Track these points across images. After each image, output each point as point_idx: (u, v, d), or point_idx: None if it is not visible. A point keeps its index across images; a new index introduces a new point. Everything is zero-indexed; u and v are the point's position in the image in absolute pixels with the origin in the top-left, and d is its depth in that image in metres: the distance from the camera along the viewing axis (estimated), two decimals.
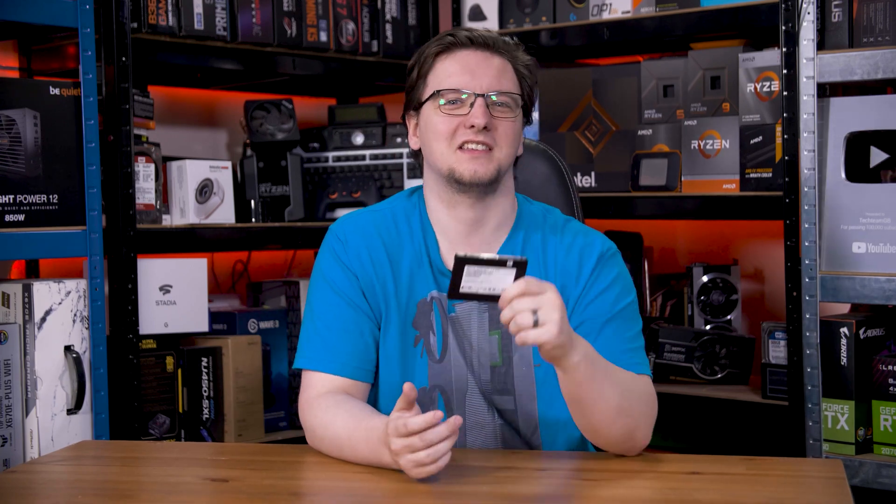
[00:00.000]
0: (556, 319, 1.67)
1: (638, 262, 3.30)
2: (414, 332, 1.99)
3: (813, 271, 2.69)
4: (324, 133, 3.33)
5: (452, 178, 1.94)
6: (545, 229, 2.02)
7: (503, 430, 1.99)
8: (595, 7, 3.22)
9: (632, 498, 1.72)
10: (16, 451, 2.48)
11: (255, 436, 3.01)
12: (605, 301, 1.95)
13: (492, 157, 1.93)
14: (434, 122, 1.95)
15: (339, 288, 1.98)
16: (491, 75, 1.94)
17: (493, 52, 1.96)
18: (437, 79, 1.96)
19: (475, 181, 1.93)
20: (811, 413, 2.70)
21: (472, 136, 1.92)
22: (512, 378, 1.97)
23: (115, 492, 1.79)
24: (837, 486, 1.71)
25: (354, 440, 1.84)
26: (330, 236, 2.03)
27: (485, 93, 1.92)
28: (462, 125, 1.92)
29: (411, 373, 1.98)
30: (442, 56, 1.96)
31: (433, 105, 1.95)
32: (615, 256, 2.01)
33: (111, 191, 2.71)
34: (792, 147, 2.76)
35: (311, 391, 1.95)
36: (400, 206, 2.05)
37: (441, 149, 1.94)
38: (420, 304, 1.99)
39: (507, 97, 1.94)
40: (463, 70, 1.94)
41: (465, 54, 1.95)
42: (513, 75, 1.98)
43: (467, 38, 1.95)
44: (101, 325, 2.60)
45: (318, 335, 1.98)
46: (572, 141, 3.28)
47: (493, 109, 1.93)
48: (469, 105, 1.92)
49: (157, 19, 2.84)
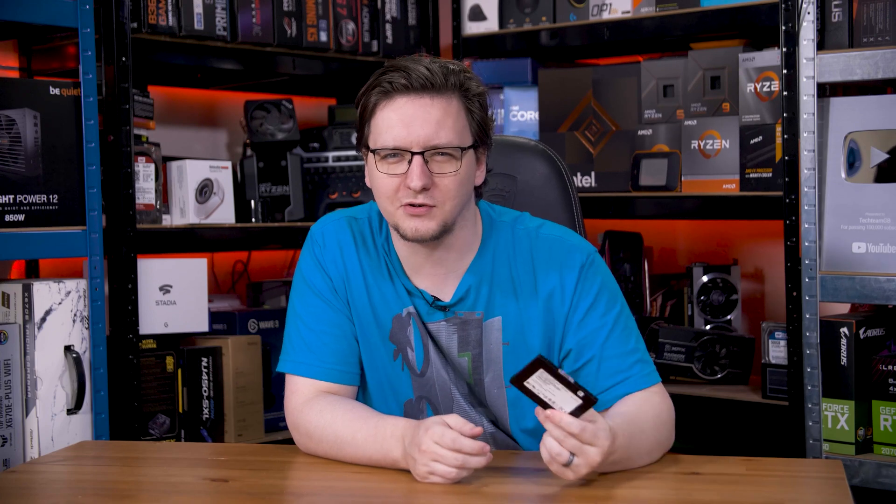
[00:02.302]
0: (581, 474, 1.68)
1: (638, 262, 3.30)
2: (391, 346, 1.98)
3: (813, 271, 2.69)
4: (324, 133, 3.33)
5: (398, 232, 1.91)
6: (516, 248, 1.97)
7: (494, 435, 2.00)
8: (595, 7, 3.22)
9: (632, 498, 1.72)
10: (16, 451, 2.48)
11: (255, 436, 3.01)
12: (596, 318, 1.92)
13: (434, 215, 1.87)
14: (377, 178, 1.90)
15: (320, 291, 1.98)
16: (429, 128, 1.84)
17: (434, 93, 1.86)
18: (377, 129, 1.89)
19: (417, 238, 1.88)
20: (811, 413, 2.70)
21: (411, 197, 1.86)
22: (485, 396, 1.98)
23: (115, 492, 1.79)
24: (837, 486, 1.71)
25: (359, 438, 1.84)
26: (309, 237, 2.03)
27: (422, 149, 1.85)
28: (403, 184, 1.86)
29: (396, 384, 1.98)
30: (381, 102, 1.88)
31: (375, 157, 1.90)
32: (594, 263, 1.95)
33: (111, 191, 2.71)
34: (792, 147, 2.76)
35: (299, 397, 1.95)
36: (376, 214, 2.02)
37: (385, 205, 1.90)
38: (395, 318, 1.97)
39: (447, 150, 1.87)
40: (400, 123, 1.85)
41: (403, 102, 1.86)
42: (456, 118, 1.87)
43: (404, 85, 1.85)
44: (101, 325, 2.60)
45: (301, 339, 1.97)
46: (572, 141, 3.28)
47: (433, 165, 1.86)
48: (407, 162, 1.86)
49: (157, 19, 2.84)
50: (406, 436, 1.78)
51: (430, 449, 1.71)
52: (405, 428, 1.79)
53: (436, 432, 1.71)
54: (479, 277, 1.95)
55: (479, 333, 1.95)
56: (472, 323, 1.95)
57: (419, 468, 1.73)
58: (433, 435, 1.71)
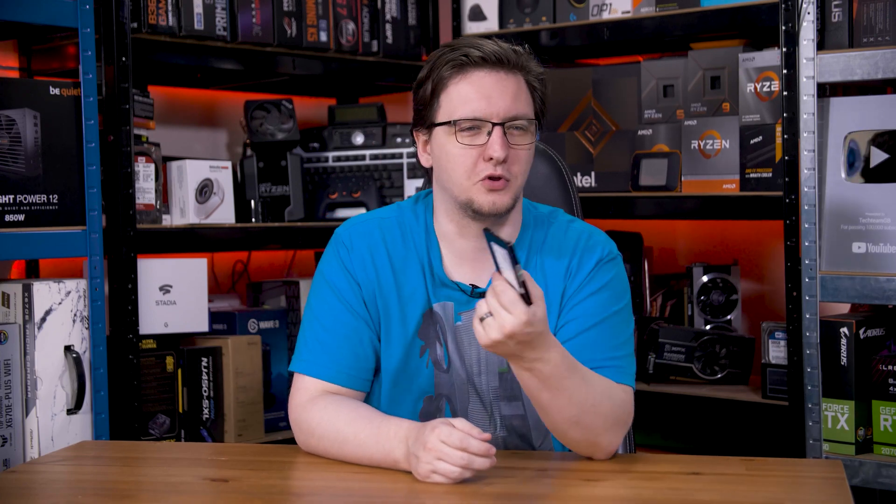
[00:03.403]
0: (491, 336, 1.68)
1: (638, 262, 3.30)
2: (420, 342, 1.98)
3: (813, 271, 2.69)
4: (324, 133, 3.33)
5: (469, 208, 1.91)
6: (549, 236, 2.00)
7: (507, 442, 1.99)
8: (595, 7, 3.22)
9: (632, 498, 1.72)
10: (16, 451, 2.48)
11: (255, 436, 3.01)
12: (595, 304, 1.94)
13: (509, 188, 1.90)
14: (451, 153, 1.90)
15: (342, 294, 1.97)
16: (508, 99, 1.88)
17: (507, 70, 1.89)
18: (451, 103, 1.90)
19: (493, 212, 1.90)
20: (811, 413, 2.70)
21: (490, 169, 1.87)
22: (519, 385, 1.97)
23: (115, 492, 1.79)
24: (837, 486, 1.71)
25: (361, 437, 1.84)
26: (335, 241, 2.02)
27: (503, 121, 1.87)
28: (481, 157, 1.88)
29: (415, 382, 1.98)
30: (456, 76, 1.90)
31: (448, 131, 1.90)
32: (614, 261, 1.99)
33: (111, 191, 2.71)
34: (792, 147, 2.76)
35: (304, 394, 1.95)
36: (407, 214, 2.02)
37: (459, 180, 1.90)
38: (425, 315, 1.97)
39: (524, 122, 1.90)
40: (479, 95, 1.88)
41: (480, 76, 1.88)
42: (527, 93, 1.92)
43: (480, 58, 1.88)
44: (101, 325, 2.60)
45: (317, 340, 1.97)
46: (572, 141, 3.28)
47: (511, 137, 1.88)
48: (486, 133, 1.87)
49: (157, 19, 2.84)
50: (410, 436, 1.78)
51: (436, 447, 1.71)
52: (409, 429, 1.79)
53: (443, 431, 1.72)
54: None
55: None
56: None
57: (422, 467, 1.73)
58: (440, 434, 1.72)
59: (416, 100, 1.97)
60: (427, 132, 1.95)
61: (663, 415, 3.10)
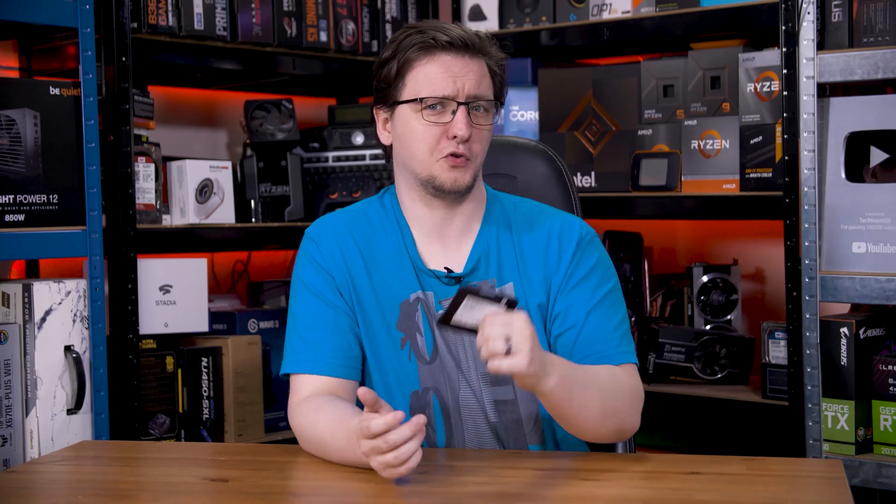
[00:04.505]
0: (526, 350, 1.69)
1: (638, 262, 3.30)
2: (399, 334, 1.99)
3: (813, 271, 2.69)
4: (324, 133, 3.33)
5: (431, 185, 1.96)
6: (518, 222, 2.03)
7: (499, 428, 2.00)
8: (595, 7, 3.22)
9: (632, 498, 1.72)
10: (16, 451, 2.48)
11: (255, 436, 3.01)
12: (587, 289, 1.97)
13: (469, 166, 1.95)
14: (415, 129, 1.95)
15: (316, 289, 2.00)
16: (472, 81, 1.94)
17: (472, 54, 1.95)
18: (417, 83, 1.95)
19: (455, 189, 1.96)
20: (811, 413, 2.70)
21: (453, 147, 1.93)
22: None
23: (115, 492, 1.79)
24: (837, 486, 1.71)
25: (337, 441, 1.83)
26: (304, 239, 2.05)
27: (467, 100, 1.93)
28: (444, 135, 1.93)
29: (402, 375, 1.98)
30: (423, 58, 1.95)
31: (413, 108, 1.95)
32: (593, 241, 2.03)
33: (111, 191, 2.71)
34: (792, 147, 2.76)
35: (297, 395, 1.96)
36: (373, 207, 2.06)
37: (422, 156, 1.95)
38: (403, 305, 1.99)
39: (487, 102, 1.96)
40: (445, 76, 1.93)
41: (448, 59, 1.94)
42: (489, 76, 1.98)
43: (448, 42, 1.94)
44: (101, 325, 2.60)
45: (299, 338, 1.99)
46: (572, 141, 3.28)
47: (474, 117, 1.94)
48: (451, 112, 1.93)
49: (157, 19, 2.84)
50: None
51: (365, 447, 1.69)
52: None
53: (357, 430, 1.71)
54: (487, 245, 2.01)
55: None
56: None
57: (375, 468, 1.71)
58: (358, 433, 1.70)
59: (379, 79, 2.01)
60: (389, 110, 2.00)
61: (663, 415, 3.09)
